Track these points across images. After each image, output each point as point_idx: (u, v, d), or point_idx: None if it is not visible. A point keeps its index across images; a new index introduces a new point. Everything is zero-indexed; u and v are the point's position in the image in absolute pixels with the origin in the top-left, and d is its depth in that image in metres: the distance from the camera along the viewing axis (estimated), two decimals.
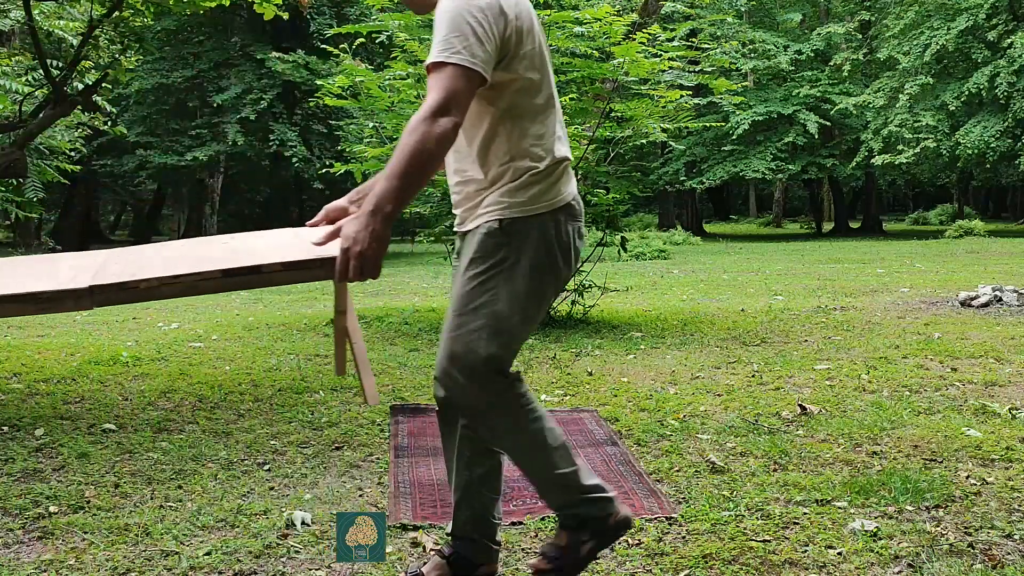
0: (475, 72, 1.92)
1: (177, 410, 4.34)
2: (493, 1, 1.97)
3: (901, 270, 12.04)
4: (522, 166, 2.08)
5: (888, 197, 47.15)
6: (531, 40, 2.06)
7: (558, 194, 2.11)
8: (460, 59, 1.91)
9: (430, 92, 1.91)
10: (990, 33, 21.53)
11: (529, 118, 2.09)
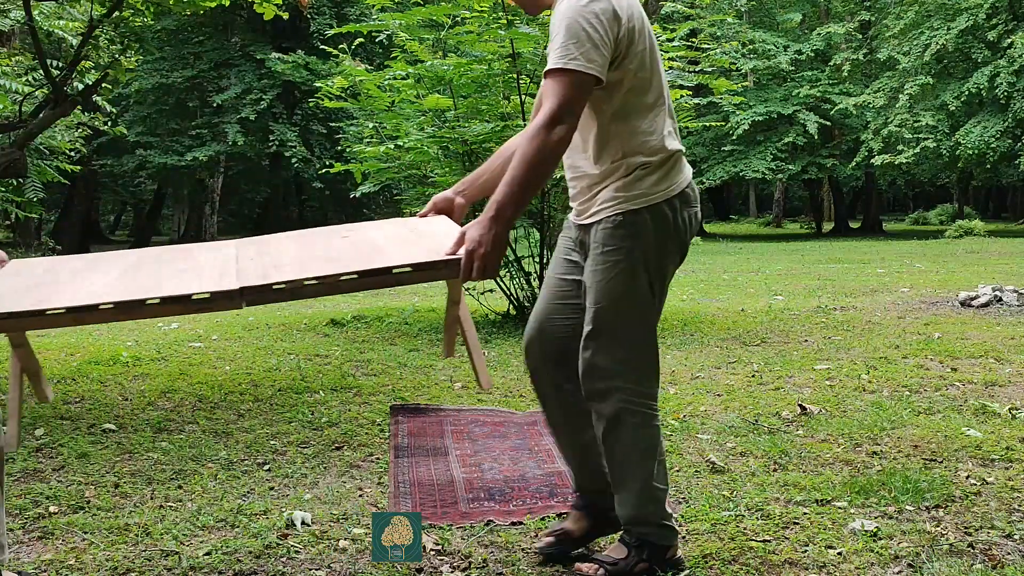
0: (591, 76, 2.04)
1: (177, 410, 4.34)
2: (607, 6, 2.07)
3: (901, 270, 12.04)
4: (634, 162, 2.21)
5: (888, 197, 47.15)
6: (642, 40, 2.16)
7: (672, 183, 2.24)
8: (577, 65, 2.02)
9: (547, 98, 2.05)
10: (990, 33, 21.52)
11: (640, 115, 2.20)
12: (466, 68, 6.52)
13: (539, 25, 6.43)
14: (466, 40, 6.66)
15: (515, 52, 6.45)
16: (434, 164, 7.05)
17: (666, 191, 2.23)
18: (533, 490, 3.08)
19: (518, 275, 7.15)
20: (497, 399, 4.55)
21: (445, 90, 6.73)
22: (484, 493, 3.06)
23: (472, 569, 2.44)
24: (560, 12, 2.08)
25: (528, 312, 7.05)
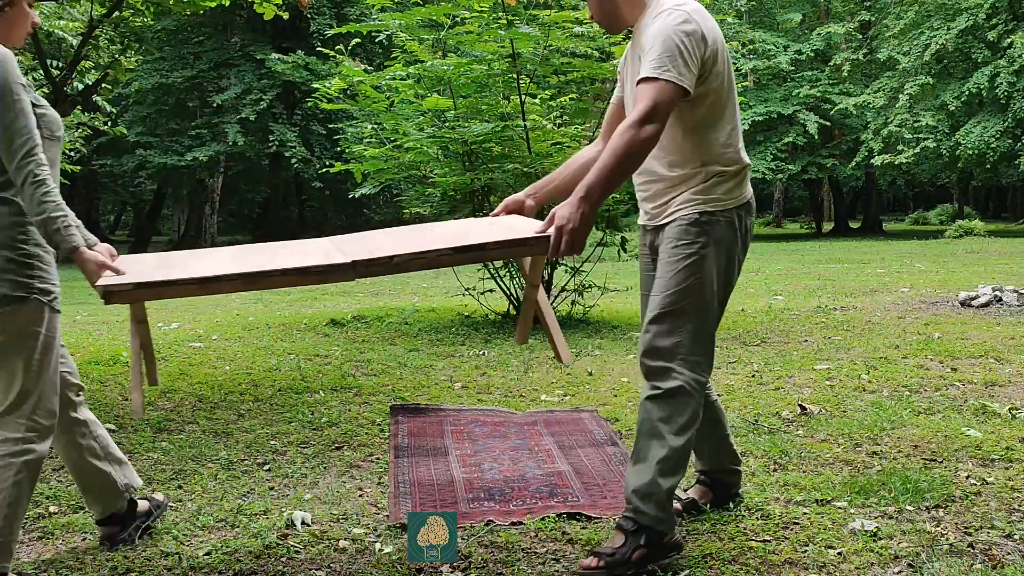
0: (680, 88, 2.28)
1: (177, 410, 4.34)
2: (697, 28, 2.33)
3: (901, 270, 12.04)
4: (712, 170, 2.45)
5: (888, 197, 47.14)
6: (722, 62, 2.41)
7: (742, 193, 2.51)
8: (670, 76, 2.27)
9: (639, 101, 2.27)
10: (990, 33, 21.51)
11: (719, 129, 2.45)
12: (466, 68, 6.53)
13: (539, 25, 6.43)
14: (466, 40, 6.66)
15: (515, 52, 6.45)
16: (434, 164, 7.05)
17: (737, 199, 2.49)
18: (533, 490, 3.08)
19: (518, 275, 7.16)
20: (497, 399, 4.55)
21: (445, 90, 6.74)
22: (484, 493, 3.06)
23: (472, 569, 2.44)
24: (656, 29, 2.33)
25: None
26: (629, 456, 2.50)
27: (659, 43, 2.29)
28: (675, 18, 2.33)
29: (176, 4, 4.86)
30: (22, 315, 2.26)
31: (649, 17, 2.42)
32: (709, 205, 2.44)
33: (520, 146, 6.79)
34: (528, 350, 5.89)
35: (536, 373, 5.17)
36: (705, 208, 2.44)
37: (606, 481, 3.16)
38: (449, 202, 7.06)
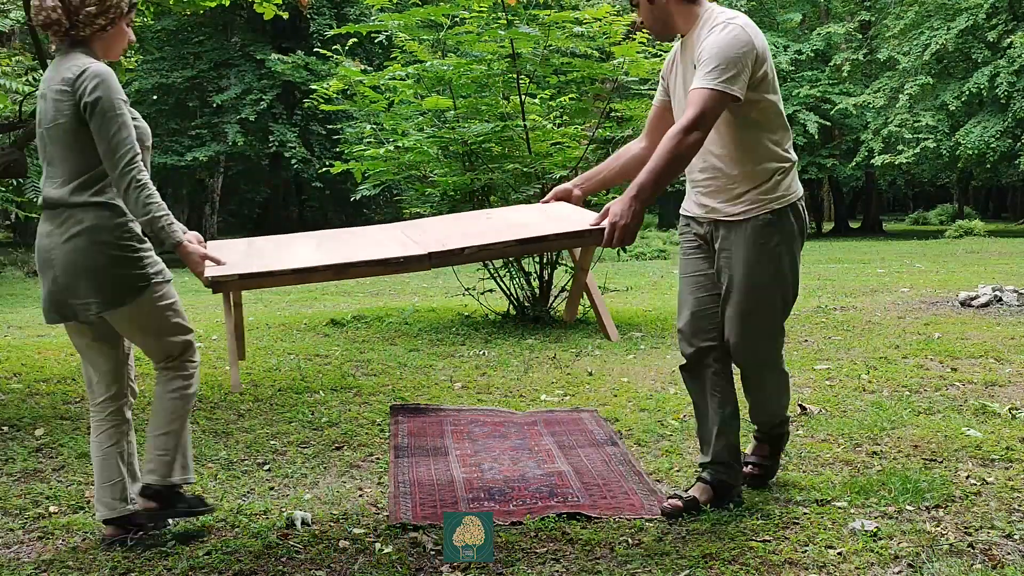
0: (730, 95, 2.53)
1: None
2: (748, 39, 2.59)
3: (901, 270, 12.04)
4: (770, 168, 2.70)
5: (888, 197, 47.11)
6: (770, 69, 2.67)
7: (798, 186, 2.78)
8: (722, 87, 2.52)
9: (689, 107, 2.52)
10: (990, 33, 21.50)
11: (774, 130, 2.71)
12: (466, 68, 6.53)
13: (539, 25, 6.44)
14: (465, 40, 6.66)
15: (515, 52, 6.45)
16: (434, 164, 7.05)
17: (796, 191, 2.76)
18: (533, 490, 3.08)
19: (518, 275, 7.16)
20: (497, 399, 4.55)
21: (445, 90, 6.74)
22: (484, 493, 3.06)
23: (472, 569, 2.44)
24: (711, 41, 2.57)
25: (527, 312, 7.05)
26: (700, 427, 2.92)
27: (714, 55, 2.54)
28: (729, 32, 2.58)
29: (176, 4, 4.85)
30: (148, 299, 2.56)
31: (703, 29, 2.65)
32: (776, 203, 2.71)
33: (520, 146, 6.79)
34: (528, 350, 5.89)
35: (536, 373, 5.17)
36: (774, 206, 2.70)
37: (606, 481, 3.16)
38: (449, 202, 7.05)
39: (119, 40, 2.61)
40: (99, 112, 2.42)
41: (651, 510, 2.84)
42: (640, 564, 2.45)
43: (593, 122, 7.06)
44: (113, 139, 2.43)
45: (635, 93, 7.02)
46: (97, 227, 2.49)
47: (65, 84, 2.45)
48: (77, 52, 2.53)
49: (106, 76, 2.45)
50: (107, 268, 2.49)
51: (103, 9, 2.52)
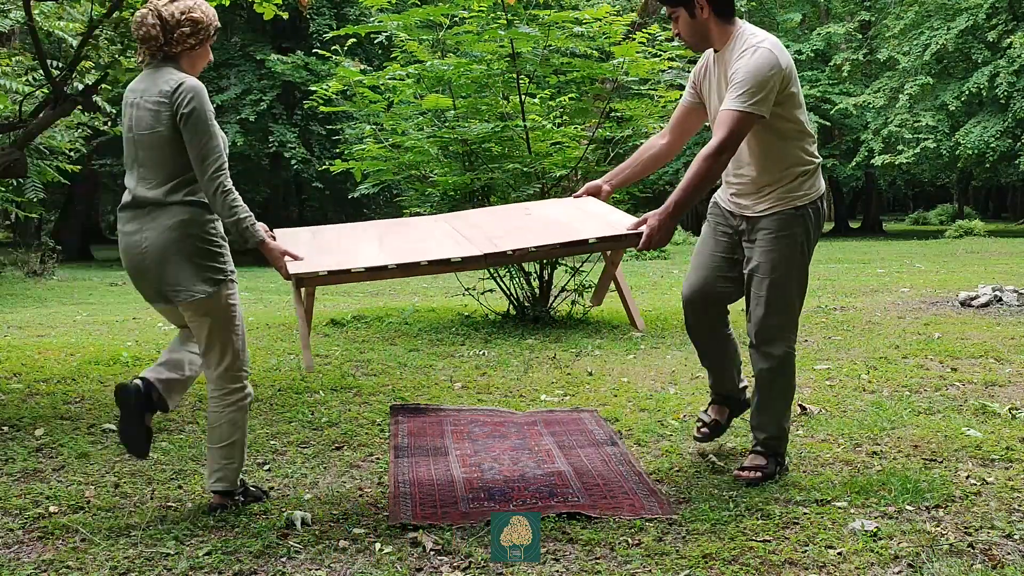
0: (756, 116, 2.84)
1: (177, 410, 4.33)
2: (776, 61, 2.86)
3: (901, 270, 12.04)
4: (796, 171, 3.03)
5: (888, 197, 47.10)
6: (795, 84, 2.96)
7: (820, 185, 3.11)
8: (751, 109, 2.83)
9: (720, 128, 2.85)
10: (990, 33, 21.50)
11: (798, 139, 3.03)
12: (466, 68, 6.52)
13: (539, 25, 6.43)
14: (465, 40, 6.66)
15: (515, 52, 6.45)
16: (434, 164, 7.05)
17: (817, 191, 3.09)
18: (533, 490, 3.08)
19: (518, 275, 7.16)
20: (497, 399, 4.55)
21: (444, 90, 6.74)
22: (484, 493, 3.06)
23: (472, 569, 2.44)
24: (744, 64, 2.86)
25: (527, 312, 7.06)
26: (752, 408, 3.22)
27: (746, 79, 2.83)
28: (759, 55, 2.86)
29: None
30: (221, 295, 2.81)
31: (737, 47, 2.94)
32: (798, 200, 3.04)
33: (520, 146, 6.79)
34: (528, 349, 5.90)
35: (536, 373, 5.17)
36: (796, 203, 3.04)
37: (606, 481, 3.16)
38: (449, 202, 7.05)
39: (203, 58, 2.95)
40: (192, 123, 2.71)
41: (651, 510, 2.84)
42: (640, 564, 2.45)
43: (593, 122, 7.06)
44: (204, 148, 2.71)
45: (635, 93, 7.02)
46: (189, 221, 2.76)
47: (163, 96, 2.73)
48: (169, 67, 2.83)
49: (199, 91, 2.74)
50: (193, 257, 2.77)
51: (195, 30, 2.85)
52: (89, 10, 4.94)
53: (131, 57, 5.66)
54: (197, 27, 2.85)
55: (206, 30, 2.89)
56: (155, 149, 2.78)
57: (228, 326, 2.84)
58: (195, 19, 2.84)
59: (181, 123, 2.72)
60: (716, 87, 3.07)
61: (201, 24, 2.86)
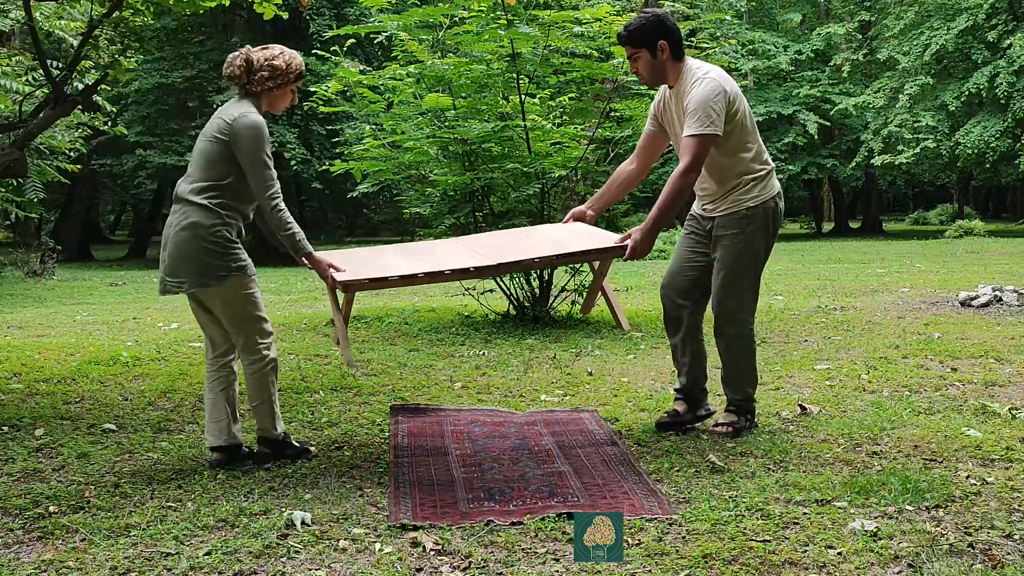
0: (714, 136, 3.39)
1: (177, 410, 4.34)
2: (720, 87, 3.42)
3: (901, 270, 12.04)
4: (747, 179, 3.56)
5: (888, 197, 47.09)
6: (740, 104, 3.51)
7: (772, 187, 3.61)
8: (710, 130, 3.38)
9: (687, 153, 3.39)
10: (990, 33, 21.48)
11: (746, 150, 3.55)
12: (466, 68, 6.52)
13: (539, 25, 6.43)
14: (465, 40, 6.66)
15: (515, 52, 6.45)
16: (433, 164, 7.05)
17: (769, 192, 3.60)
18: (533, 490, 3.08)
19: (518, 275, 7.16)
20: (497, 399, 4.55)
21: (444, 90, 6.73)
22: (484, 493, 3.06)
23: (472, 569, 2.44)
24: (696, 94, 3.40)
25: (527, 312, 7.06)
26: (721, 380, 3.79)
27: (700, 106, 3.37)
28: (706, 85, 3.41)
29: (176, 4, 4.84)
30: (230, 285, 3.27)
31: (688, 80, 3.48)
32: (750, 202, 3.55)
33: (520, 146, 6.79)
34: (528, 350, 5.89)
35: (536, 373, 5.17)
36: (748, 204, 3.55)
37: (606, 481, 3.16)
38: (449, 202, 7.05)
39: (283, 100, 3.43)
40: (244, 156, 3.20)
41: (651, 510, 2.84)
42: (640, 564, 2.45)
43: (593, 122, 7.06)
44: (257, 176, 3.22)
45: (635, 93, 7.02)
46: (198, 223, 3.20)
47: (228, 119, 3.23)
48: (247, 101, 3.32)
49: (259, 128, 3.25)
50: (199, 256, 3.20)
51: (273, 75, 3.31)
52: (89, 10, 4.93)
53: (131, 57, 5.66)
54: (275, 73, 3.30)
55: (284, 76, 3.33)
56: (203, 155, 3.26)
57: (241, 311, 3.32)
58: (275, 66, 3.29)
59: (237, 151, 3.21)
60: (675, 116, 3.59)
61: (279, 71, 3.31)
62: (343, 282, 3.21)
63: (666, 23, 3.51)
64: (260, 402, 3.39)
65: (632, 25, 3.54)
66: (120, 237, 35.39)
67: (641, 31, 3.50)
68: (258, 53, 3.31)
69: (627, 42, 3.54)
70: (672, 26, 3.52)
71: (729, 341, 3.67)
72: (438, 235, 7.10)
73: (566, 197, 7.19)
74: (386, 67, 6.89)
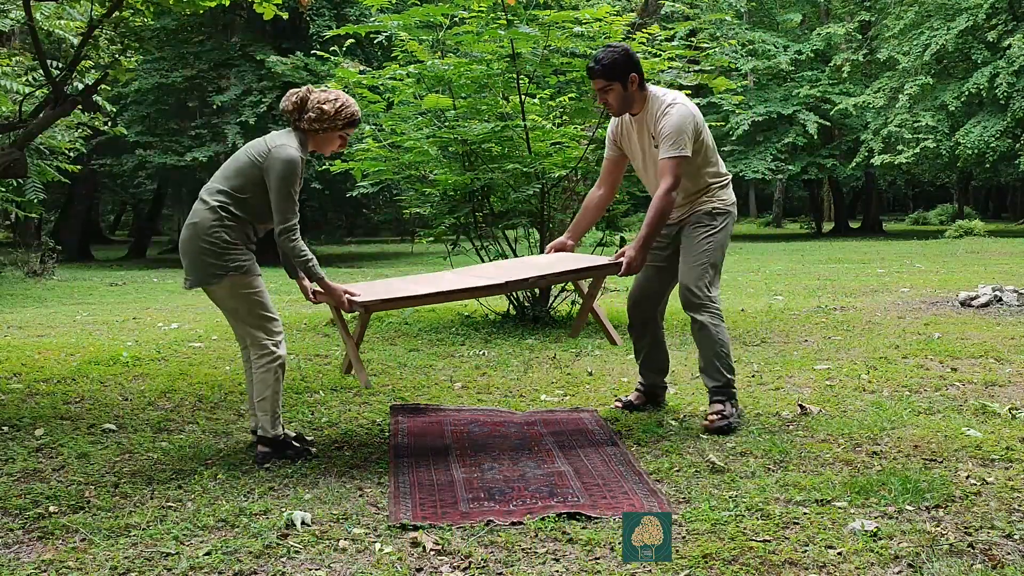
0: (685, 156, 3.71)
1: (177, 410, 4.34)
2: (689, 113, 3.74)
3: (901, 270, 12.04)
4: (715, 185, 3.93)
5: (888, 197, 47.08)
6: (703, 127, 3.85)
7: (730, 195, 3.98)
8: (684, 152, 3.71)
9: (664, 174, 3.70)
10: (990, 33, 21.48)
11: (710, 165, 3.91)
12: (466, 68, 6.52)
13: (538, 25, 6.43)
14: (465, 40, 6.66)
15: (515, 52, 6.44)
16: (433, 164, 7.05)
17: (732, 198, 4.00)
18: (533, 490, 3.08)
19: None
20: (497, 399, 4.55)
21: (444, 90, 6.73)
22: (484, 493, 3.06)
23: (472, 569, 2.44)
24: (667, 121, 3.70)
25: (527, 312, 7.07)
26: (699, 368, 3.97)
27: (673, 131, 3.68)
28: (678, 111, 3.71)
29: (176, 4, 4.84)
30: (227, 284, 3.38)
31: (654, 108, 3.78)
32: (719, 204, 3.92)
33: (520, 146, 6.78)
34: (528, 349, 5.89)
35: (536, 373, 5.17)
36: (716, 205, 3.91)
37: (606, 481, 3.16)
38: (449, 202, 7.05)
39: (330, 144, 3.51)
40: (272, 185, 3.31)
41: (651, 510, 2.84)
42: (640, 564, 2.45)
43: (593, 122, 7.05)
44: (279, 205, 3.32)
45: None
46: (198, 223, 3.36)
47: (270, 146, 3.35)
48: (295, 135, 3.43)
49: (292, 164, 3.32)
50: (198, 255, 3.36)
51: (320, 118, 3.41)
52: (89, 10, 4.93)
53: (131, 57, 5.66)
54: (322, 115, 3.40)
55: (331, 121, 3.42)
56: (234, 166, 3.42)
57: (243, 309, 3.42)
58: (323, 110, 3.39)
59: (267, 177, 3.33)
60: (637, 142, 3.91)
61: (326, 115, 3.40)
62: (365, 303, 3.36)
63: (633, 56, 3.77)
64: (262, 398, 3.46)
65: (604, 60, 3.73)
66: (120, 237, 35.37)
67: (614, 66, 3.72)
68: (315, 94, 3.44)
69: (601, 76, 3.74)
70: (637, 59, 3.81)
71: (697, 328, 3.85)
72: (438, 235, 7.10)
73: (566, 197, 7.19)
74: (386, 67, 6.89)
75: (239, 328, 3.51)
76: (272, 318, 3.47)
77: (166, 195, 27.41)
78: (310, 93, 3.45)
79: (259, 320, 3.44)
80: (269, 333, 3.45)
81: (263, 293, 3.46)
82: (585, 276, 3.88)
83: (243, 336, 3.52)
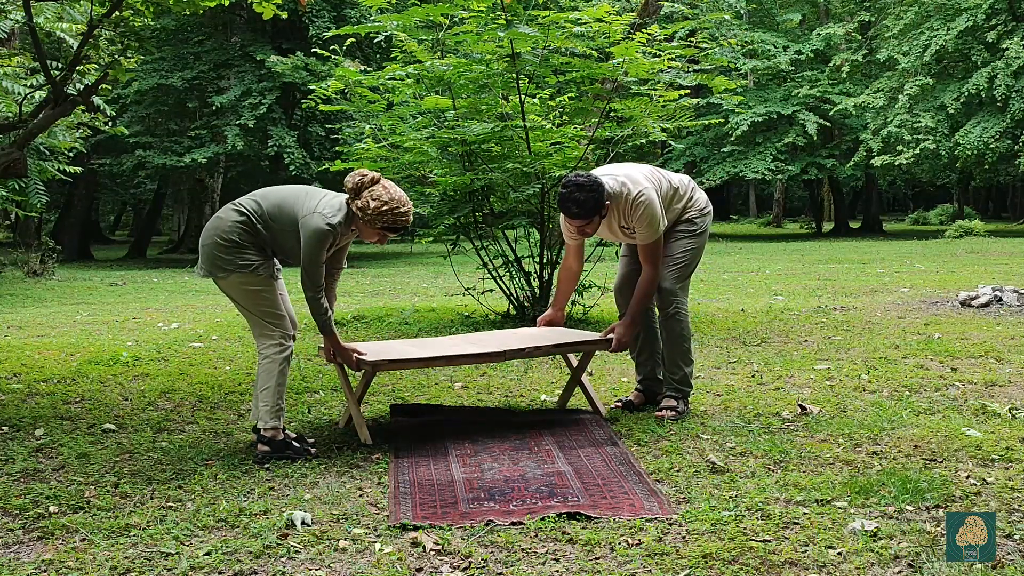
0: (663, 232, 4.01)
1: (177, 410, 4.34)
2: (655, 199, 3.97)
3: (901, 270, 12.04)
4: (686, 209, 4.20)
5: (888, 197, 47.08)
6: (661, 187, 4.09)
7: (698, 202, 4.22)
8: (660, 231, 3.99)
9: (651, 257, 4.01)
10: (989, 34, 21.47)
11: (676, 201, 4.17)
12: (465, 68, 6.52)
13: (538, 25, 6.43)
14: (465, 40, 6.65)
15: (514, 52, 6.44)
16: (433, 164, 7.05)
17: (702, 199, 4.26)
18: (533, 490, 3.08)
19: (518, 275, 7.16)
20: (497, 399, 4.55)
21: (444, 90, 6.73)
22: (484, 493, 3.06)
23: (472, 569, 2.44)
24: (645, 216, 3.93)
25: (527, 312, 7.07)
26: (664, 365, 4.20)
27: (649, 220, 3.94)
28: (647, 202, 3.93)
29: (176, 4, 4.84)
30: (235, 280, 3.51)
31: (621, 207, 3.98)
32: (692, 212, 4.19)
33: (519, 146, 6.78)
34: None
35: (536, 373, 5.17)
36: (691, 214, 4.19)
37: (606, 481, 3.16)
38: (449, 202, 7.05)
39: (368, 235, 3.61)
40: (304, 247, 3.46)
41: (651, 510, 2.84)
42: (640, 564, 2.45)
43: (592, 122, 7.05)
44: (308, 266, 3.48)
45: (634, 93, 7.01)
46: (222, 220, 3.54)
47: (318, 208, 3.50)
48: (346, 207, 3.55)
49: (322, 235, 3.46)
50: (211, 248, 3.52)
51: (363, 209, 3.52)
52: (89, 10, 4.93)
53: (131, 57, 5.66)
54: (366, 209, 3.51)
55: (370, 217, 3.51)
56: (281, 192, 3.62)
57: (248, 304, 3.53)
58: (367, 204, 3.50)
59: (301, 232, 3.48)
60: (607, 229, 4.10)
61: (368, 212, 3.50)
62: (374, 362, 3.60)
63: (604, 186, 3.91)
64: (265, 388, 3.51)
65: (586, 203, 3.87)
66: (120, 237, 35.36)
67: (595, 204, 3.88)
68: (375, 187, 3.54)
69: (584, 216, 3.90)
70: (602, 180, 3.96)
71: (664, 319, 4.09)
72: (438, 235, 7.09)
73: None
74: (386, 67, 6.88)
75: (248, 318, 3.60)
76: (279, 315, 3.55)
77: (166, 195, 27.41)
78: (374, 183, 3.55)
79: (262, 318, 3.54)
80: (272, 331, 3.53)
81: (271, 293, 3.54)
82: (576, 350, 4.09)
83: (252, 327, 3.62)
